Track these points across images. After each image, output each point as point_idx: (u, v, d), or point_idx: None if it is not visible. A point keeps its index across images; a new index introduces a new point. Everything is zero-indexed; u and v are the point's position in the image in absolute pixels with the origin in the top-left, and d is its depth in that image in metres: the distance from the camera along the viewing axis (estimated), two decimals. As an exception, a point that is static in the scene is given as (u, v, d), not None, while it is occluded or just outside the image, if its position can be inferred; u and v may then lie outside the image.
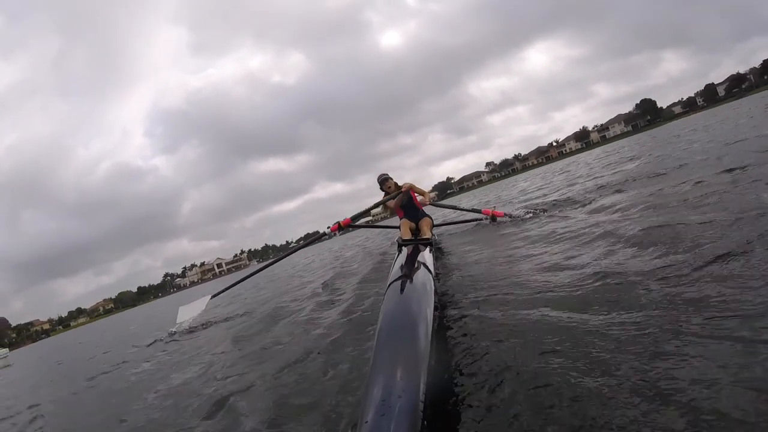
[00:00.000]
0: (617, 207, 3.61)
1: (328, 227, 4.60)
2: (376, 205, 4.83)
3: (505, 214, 5.02)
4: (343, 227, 4.49)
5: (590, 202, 4.47)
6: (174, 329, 4.77)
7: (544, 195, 7.24)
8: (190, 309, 4.88)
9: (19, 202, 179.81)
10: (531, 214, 4.85)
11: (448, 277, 3.12)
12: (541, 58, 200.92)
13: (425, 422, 1.06)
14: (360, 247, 9.33)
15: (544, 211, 4.93)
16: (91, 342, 10.31)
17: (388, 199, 4.44)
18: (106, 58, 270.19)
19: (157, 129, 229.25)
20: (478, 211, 4.99)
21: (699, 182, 3.49)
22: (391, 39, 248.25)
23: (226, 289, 5.16)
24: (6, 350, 16.24)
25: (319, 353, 2.11)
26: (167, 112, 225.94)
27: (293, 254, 5.24)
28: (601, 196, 4.67)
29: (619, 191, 4.54)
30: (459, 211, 5.49)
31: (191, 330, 4.58)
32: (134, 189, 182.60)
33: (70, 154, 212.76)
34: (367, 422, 1.03)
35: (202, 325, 4.64)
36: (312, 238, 5.02)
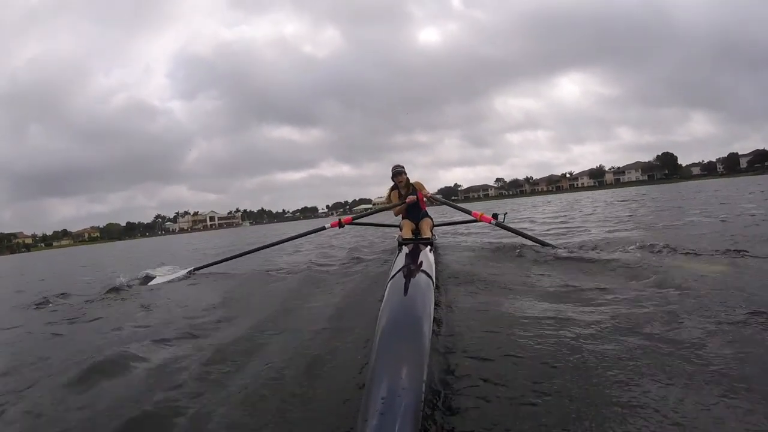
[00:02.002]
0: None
1: (329, 223, 4.62)
2: (381, 210, 5.00)
3: (496, 222, 4.16)
4: (343, 225, 4.53)
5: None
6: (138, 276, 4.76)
7: (587, 231, 5.60)
8: (167, 279, 4.66)
9: (29, 114, 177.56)
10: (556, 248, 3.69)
11: (448, 276, 3.06)
12: (572, 88, 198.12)
13: (426, 421, 1.06)
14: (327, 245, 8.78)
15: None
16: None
17: (395, 206, 4.56)
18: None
19: (179, 72, 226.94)
20: (468, 212, 4.61)
21: None
22: (429, 36, 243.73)
23: (212, 264, 4.93)
24: None
25: (316, 350, 1.93)
26: (193, 58, 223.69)
27: (291, 241, 5.19)
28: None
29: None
30: (452, 209, 5.17)
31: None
32: (145, 126, 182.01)
33: (88, 79, 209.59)
34: (367, 420, 1.02)
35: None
36: (312, 230, 4.88)
